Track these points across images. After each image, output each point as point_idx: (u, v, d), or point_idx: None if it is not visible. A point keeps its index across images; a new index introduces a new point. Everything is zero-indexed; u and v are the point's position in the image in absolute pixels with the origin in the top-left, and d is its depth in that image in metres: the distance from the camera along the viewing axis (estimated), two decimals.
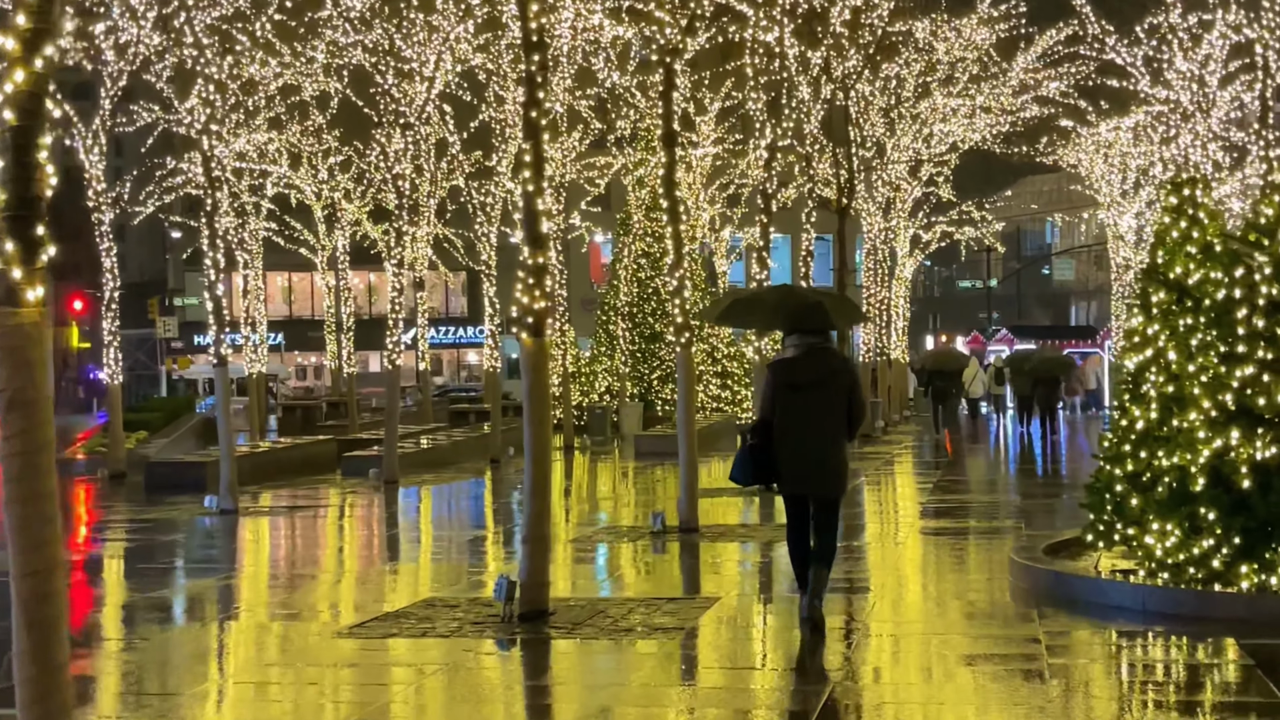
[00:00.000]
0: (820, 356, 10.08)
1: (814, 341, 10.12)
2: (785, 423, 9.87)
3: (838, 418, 9.91)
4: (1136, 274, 39.98)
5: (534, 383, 10.31)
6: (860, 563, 13.20)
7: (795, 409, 9.85)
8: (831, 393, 9.89)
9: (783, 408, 9.90)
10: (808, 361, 10.02)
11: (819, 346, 10.13)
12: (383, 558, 14.91)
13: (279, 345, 76.62)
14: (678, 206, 15.51)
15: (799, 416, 9.85)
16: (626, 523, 17.04)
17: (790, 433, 9.85)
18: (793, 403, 9.87)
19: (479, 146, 36.56)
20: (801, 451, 9.83)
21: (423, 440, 30.32)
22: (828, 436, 9.88)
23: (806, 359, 10.04)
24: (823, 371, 9.97)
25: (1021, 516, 16.67)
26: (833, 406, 9.88)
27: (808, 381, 9.90)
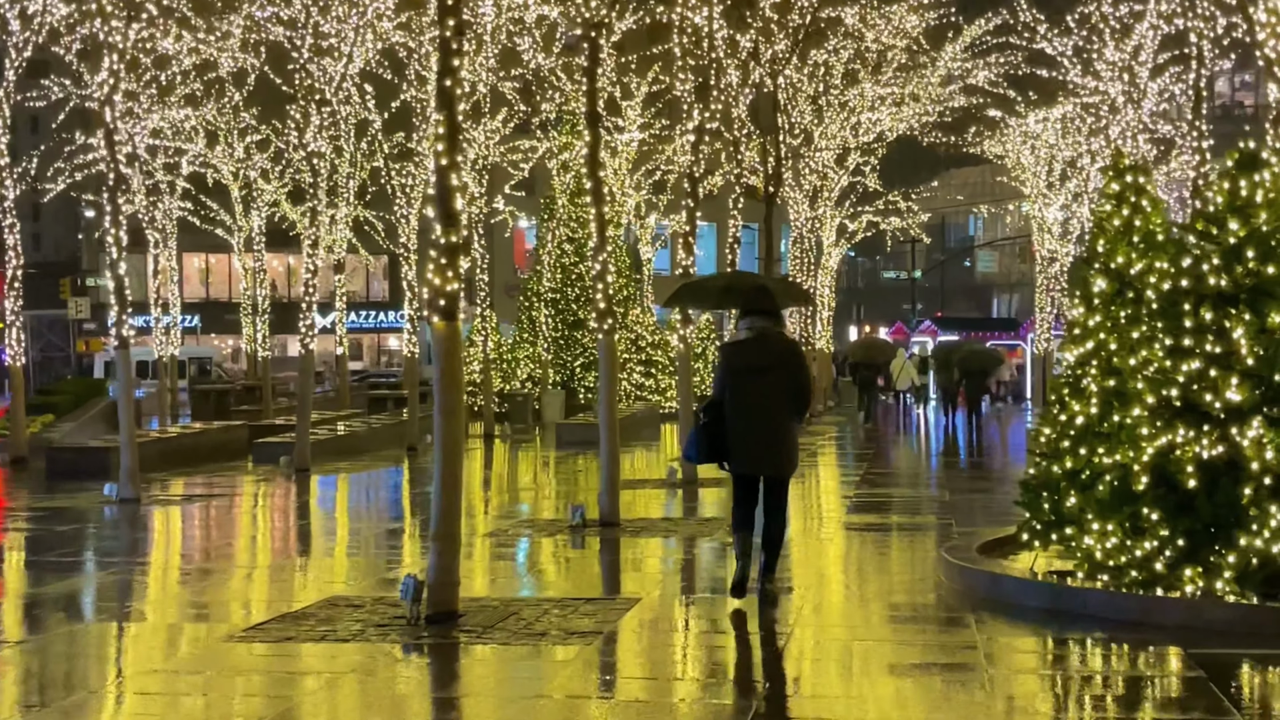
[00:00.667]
0: (769, 340, 10.37)
1: (763, 325, 10.40)
2: (736, 403, 10.20)
3: (786, 399, 10.22)
4: (1062, 266, 39.88)
5: (446, 370, 9.68)
6: (784, 561, 12.65)
7: (746, 390, 10.18)
8: (780, 375, 10.20)
9: (733, 389, 10.22)
10: (757, 345, 10.34)
11: (768, 330, 10.41)
12: (287, 552, 14.21)
13: (195, 328, 75.26)
14: (601, 188, 14.91)
15: (749, 398, 10.17)
16: (546, 516, 16.44)
17: (741, 414, 10.18)
18: (743, 384, 10.18)
19: (401, 127, 35.79)
20: (752, 432, 10.16)
21: (339, 427, 29.56)
22: (777, 417, 10.21)
23: (756, 342, 10.36)
24: (771, 354, 10.28)
25: (951, 512, 16.24)
26: (781, 388, 10.20)
27: (757, 364, 10.21)
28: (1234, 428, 9.72)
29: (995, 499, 18.04)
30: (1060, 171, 40.34)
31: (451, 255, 9.58)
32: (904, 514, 16.48)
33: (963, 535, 13.53)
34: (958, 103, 38.26)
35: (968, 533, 13.94)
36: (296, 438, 23.07)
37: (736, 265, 26.15)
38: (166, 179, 39.86)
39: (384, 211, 44.40)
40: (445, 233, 9.59)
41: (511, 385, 40.15)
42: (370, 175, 43.30)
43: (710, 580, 11.86)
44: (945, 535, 14.04)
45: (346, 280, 45.66)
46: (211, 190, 43.11)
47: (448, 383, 9.67)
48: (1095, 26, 28.41)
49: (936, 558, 12.61)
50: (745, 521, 10.34)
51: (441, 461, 9.74)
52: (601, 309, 14.87)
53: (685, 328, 19.93)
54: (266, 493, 20.01)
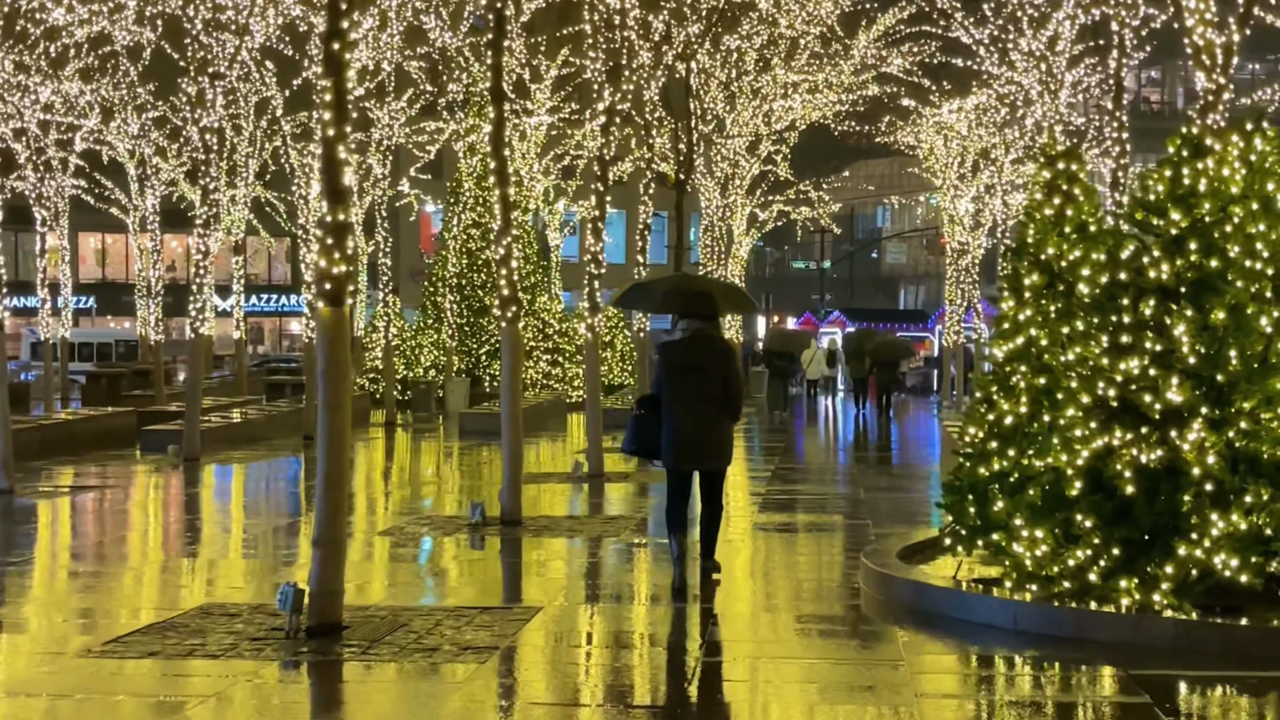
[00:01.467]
0: (705, 341, 10.80)
1: (701, 327, 10.85)
2: (673, 401, 10.62)
3: (717, 398, 10.62)
4: (974, 258, 39.59)
5: (331, 359, 8.87)
6: (692, 565, 11.98)
7: (682, 388, 10.59)
8: (714, 374, 10.61)
9: (670, 387, 10.64)
10: (694, 345, 10.77)
11: (705, 332, 10.85)
12: (164, 551, 13.30)
13: (90, 309, 73.37)
14: (506, 168, 14.12)
15: (685, 395, 10.58)
16: (446, 512, 15.63)
17: (678, 411, 10.59)
18: (680, 382, 10.60)
19: (302, 106, 34.68)
20: (689, 429, 10.57)
21: (234, 413, 28.52)
22: (713, 414, 10.63)
23: (692, 343, 10.79)
24: (707, 354, 10.70)
25: (867, 512, 15.65)
26: (716, 386, 10.61)
27: (693, 363, 10.65)
28: (1173, 430, 9.17)
29: (912, 498, 17.52)
30: (972, 163, 40.03)
31: (339, 235, 8.78)
32: (818, 513, 15.88)
33: (881, 538, 12.93)
34: (871, 91, 37.79)
35: (885, 534, 13.35)
36: (185, 425, 22.08)
37: (647, 251, 25.52)
38: (59, 155, 38.43)
39: (284, 193, 43.31)
40: (332, 210, 8.79)
41: (415, 373, 39.22)
42: (271, 155, 42.16)
43: (616, 587, 11.14)
44: (863, 537, 13.43)
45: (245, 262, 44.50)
46: (107, 168, 41.74)
47: (333, 374, 8.87)
48: (1012, 15, 28.02)
49: (856, 563, 12.00)
50: (680, 523, 10.64)
51: (325, 459, 8.94)
52: (505, 295, 14.09)
53: (594, 316, 19.20)
54: (150, 484, 19.02)
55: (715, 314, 11.14)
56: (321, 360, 8.86)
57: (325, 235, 8.76)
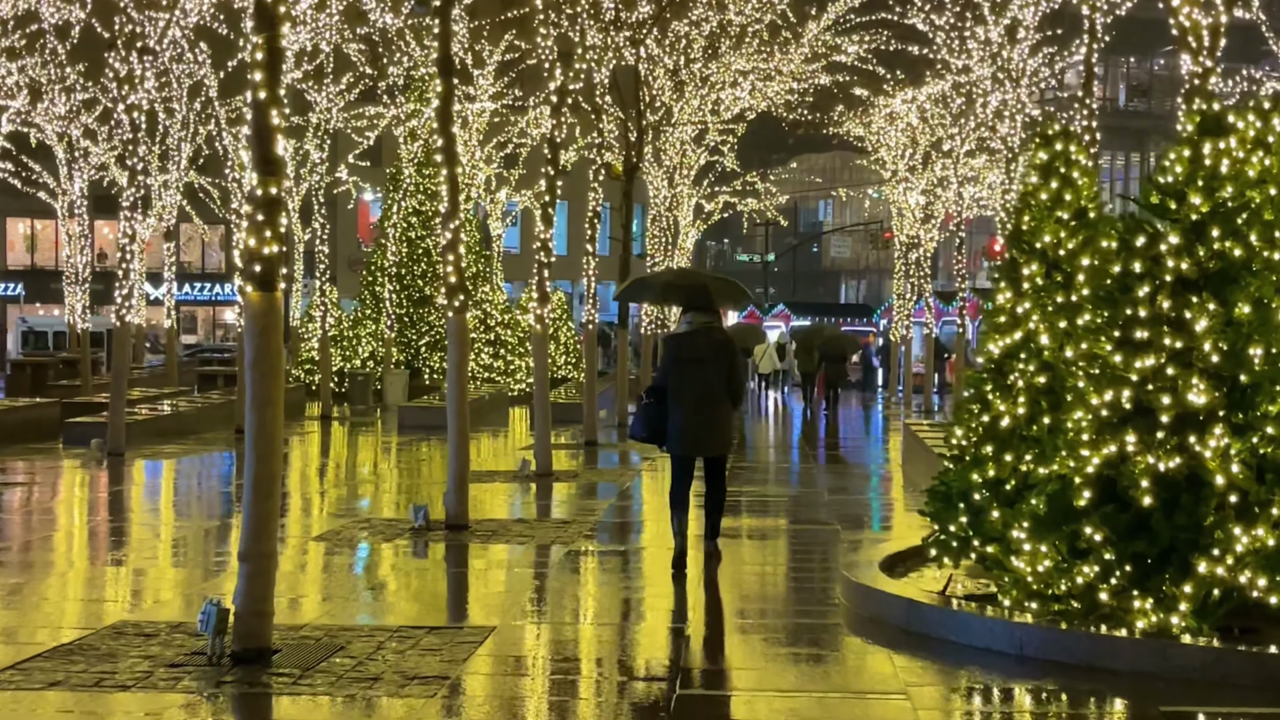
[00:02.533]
0: (708, 334, 11.22)
1: (704, 320, 11.28)
2: (678, 391, 11.08)
3: (720, 387, 11.09)
4: (925, 252, 38.88)
5: (260, 351, 7.89)
6: (651, 578, 11.08)
7: (686, 379, 11.05)
8: (717, 365, 11.07)
9: (675, 377, 11.11)
10: (697, 338, 11.19)
11: (708, 325, 11.27)
12: (77, 559, 12.23)
13: (18, 296, 71.55)
14: (454, 146, 13.12)
15: (690, 385, 11.04)
16: (385, 514, 14.63)
17: (683, 400, 11.06)
18: (684, 373, 11.06)
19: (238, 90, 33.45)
20: (692, 417, 11.05)
21: (163, 405, 27.34)
22: (715, 403, 11.10)
23: (696, 335, 11.21)
24: (710, 346, 11.13)
25: (834, 515, 14.79)
26: (718, 377, 11.06)
27: (697, 355, 11.09)
28: (1193, 435, 8.34)
29: (878, 500, 16.67)
30: (923, 154, 39.32)
31: (270, 211, 7.79)
32: (783, 516, 15.01)
33: (855, 546, 12.08)
34: (822, 80, 36.96)
35: (858, 541, 12.50)
36: (110, 418, 20.95)
37: (595, 241, 24.60)
38: None
39: (219, 178, 41.99)
40: (263, 183, 7.80)
41: (352, 364, 38.06)
42: (206, 140, 40.87)
43: (572, 603, 10.20)
44: (834, 545, 12.58)
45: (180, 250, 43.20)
46: (35, 151, 40.31)
47: (263, 367, 7.88)
48: (971, 1, 27.30)
49: (829, 573, 11.14)
50: (682, 501, 11.17)
51: (254, 463, 7.96)
52: (452, 284, 13.10)
53: (543, 307, 18.23)
54: (70, 481, 17.90)
55: (715, 307, 11.65)
56: (249, 351, 7.88)
57: (255, 211, 7.77)
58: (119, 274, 21.46)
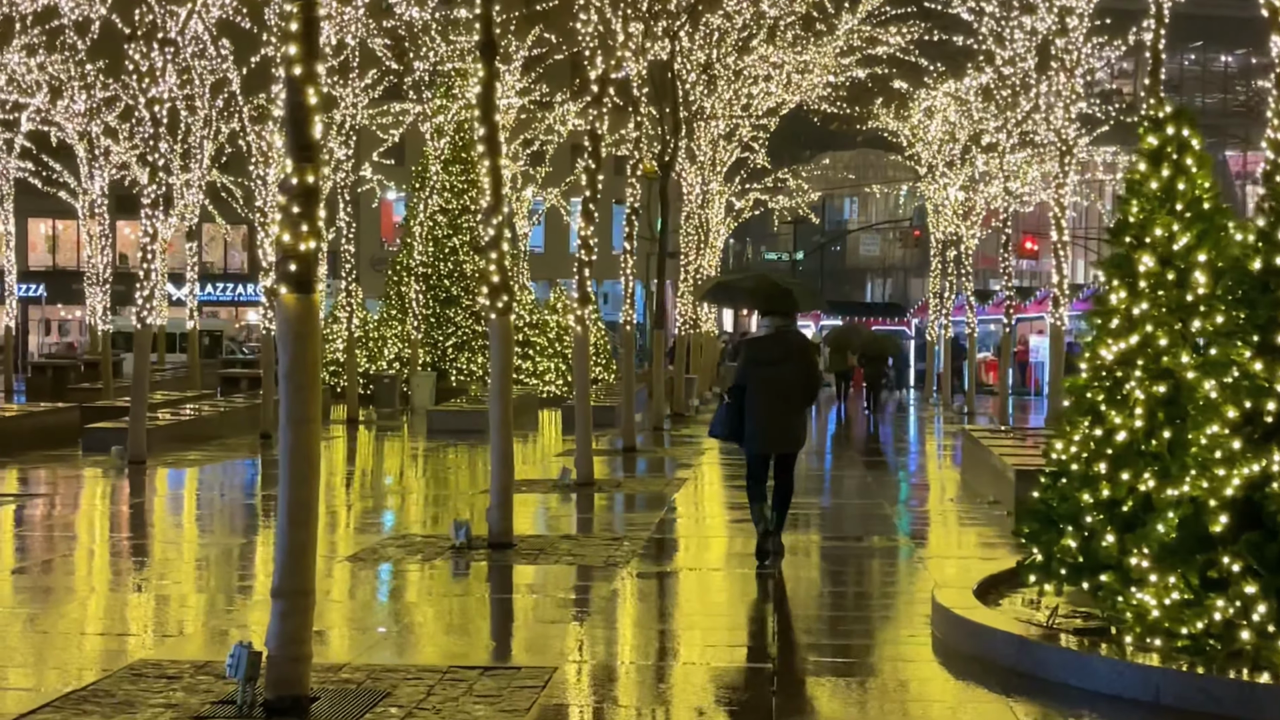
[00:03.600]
0: (786, 337, 11.60)
1: (782, 324, 11.64)
2: (755, 392, 11.44)
3: (799, 388, 11.46)
4: (967, 249, 37.85)
5: (297, 361, 6.97)
6: (717, 604, 10.15)
7: (764, 380, 11.41)
8: (794, 367, 11.43)
9: (754, 379, 11.47)
10: (775, 340, 11.58)
11: (785, 328, 11.64)
12: (96, 583, 11.34)
13: (40, 297, 70.93)
14: (497, 134, 12.19)
15: (768, 386, 11.40)
16: (419, 529, 13.71)
17: (760, 401, 11.42)
18: (762, 375, 11.43)
19: (261, 88, 32.62)
20: (769, 417, 11.41)
21: (185, 410, 26.49)
22: (791, 404, 11.47)
23: (774, 339, 11.60)
24: (787, 349, 11.51)
25: (897, 528, 13.84)
26: (795, 379, 11.42)
27: (775, 358, 11.45)
28: None
29: (945, 511, 15.66)
30: (962, 149, 38.26)
31: (307, 201, 6.88)
32: (847, 533, 14.06)
33: (937, 564, 11.13)
34: (859, 74, 35.95)
35: (941, 559, 11.55)
36: (130, 424, 20.09)
37: (634, 239, 23.68)
38: (3, 136, 36.30)
39: (242, 177, 41.18)
40: (298, 170, 6.88)
41: (378, 366, 37.22)
42: (229, 138, 40.09)
43: (637, 635, 9.26)
44: (906, 563, 11.64)
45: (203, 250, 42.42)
46: (56, 151, 39.56)
47: (299, 378, 6.97)
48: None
49: (912, 597, 10.19)
50: (761, 495, 11.56)
51: (289, 487, 7.05)
52: (495, 283, 12.16)
53: (584, 307, 17.30)
54: (88, 492, 17.04)
55: (793, 311, 11.91)
56: (284, 360, 6.96)
57: (289, 202, 6.85)
58: (140, 274, 20.61)
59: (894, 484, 18.97)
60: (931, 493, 17.79)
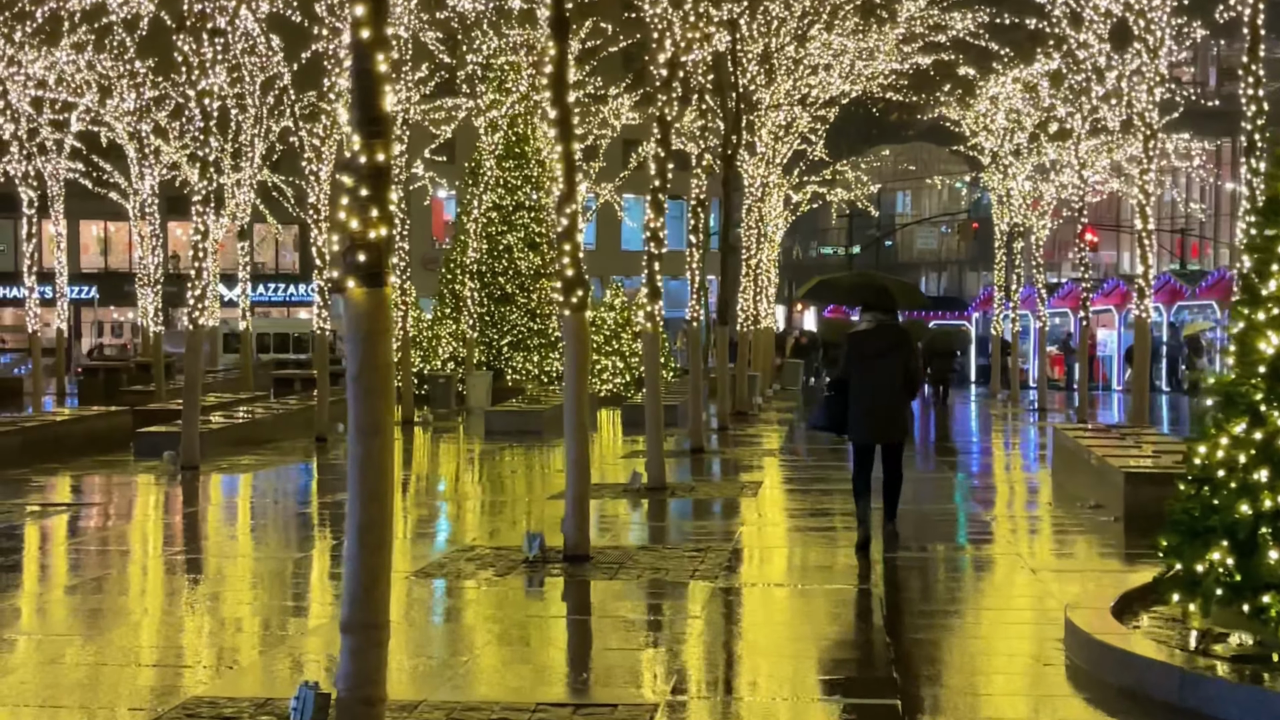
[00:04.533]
0: (887, 331, 12.05)
1: (883, 318, 12.10)
2: (860, 383, 11.89)
3: (898, 380, 11.85)
4: (1038, 240, 36.76)
5: (367, 363, 6.15)
6: (820, 625, 9.28)
7: (867, 373, 11.86)
8: (895, 360, 11.85)
9: (857, 372, 11.92)
10: (875, 334, 12.00)
11: (887, 323, 12.10)
12: (149, 604, 10.57)
13: (92, 299, 70.78)
14: (570, 118, 11.36)
15: (871, 378, 11.85)
16: (486, 540, 12.89)
17: (863, 392, 11.87)
18: (865, 368, 11.87)
19: (312, 85, 31.95)
20: (872, 408, 11.85)
21: (239, 412, 25.83)
22: (893, 395, 11.88)
23: (876, 332, 12.02)
24: (889, 343, 11.94)
25: (1010, 539, 12.92)
26: (897, 371, 11.84)
27: (877, 351, 11.88)
28: None
29: (1043, 516, 14.69)
30: (1029, 137, 37.15)
31: (377, 183, 6.05)
32: (945, 541, 13.16)
33: (1051, 580, 10.22)
34: (923, 61, 34.89)
35: (1045, 571, 10.63)
36: (183, 429, 19.39)
37: (702, 232, 22.85)
38: (54, 136, 35.81)
39: (293, 176, 40.58)
40: (367, 147, 6.05)
41: (432, 366, 36.50)
42: (279, 136, 39.51)
43: (743, 664, 8.39)
44: (1022, 577, 10.73)
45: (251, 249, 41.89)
46: (107, 151, 39.10)
47: (370, 381, 6.14)
48: None
49: (1034, 613, 9.28)
50: (865, 488, 11.96)
51: (359, 506, 6.22)
52: (570, 277, 11.32)
53: (654, 303, 16.46)
54: (141, 501, 16.34)
55: (894, 307, 12.50)
56: (352, 362, 6.14)
57: (357, 184, 6.03)
58: (191, 273, 19.91)
59: (982, 486, 18.01)
60: (1024, 495, 16.83)
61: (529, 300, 36.95)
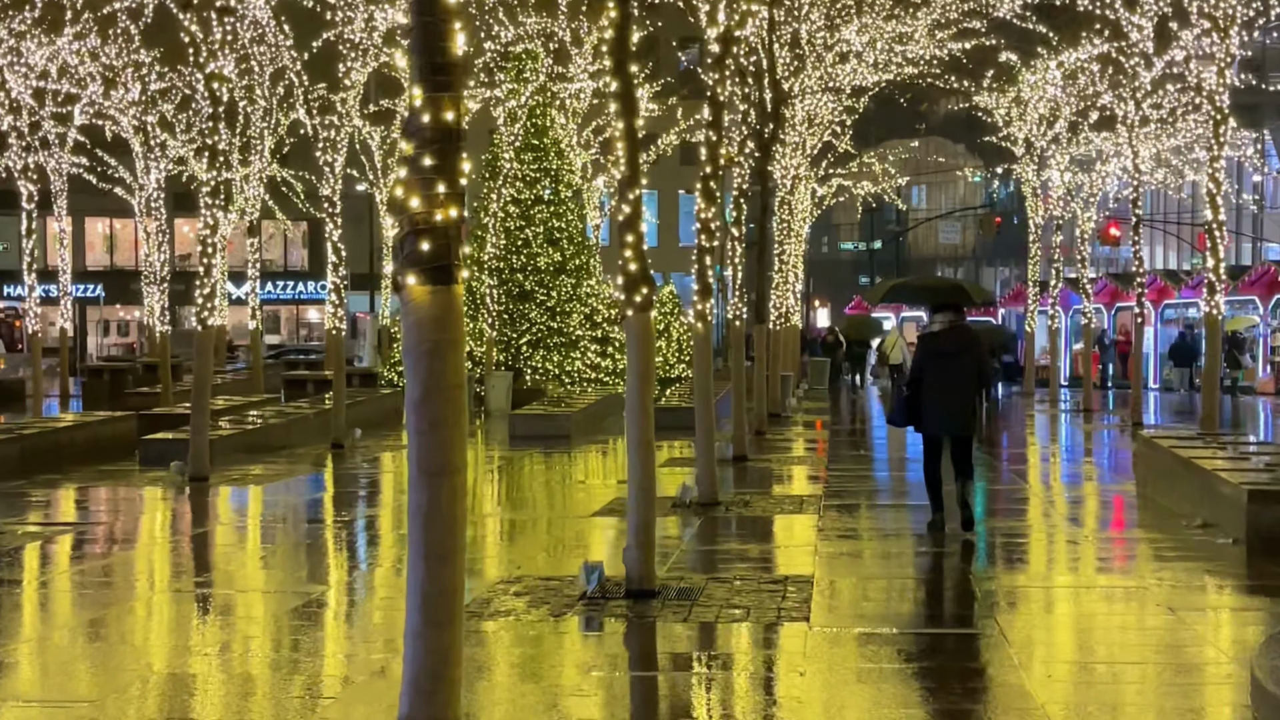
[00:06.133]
0: (958, 331, 12.79)
1: (954, 319, 12.82)
2: (930, 382, 12.70)
3: (970, 378, 12.70)
4: (1083, 233, 35.28)
5: (434, 381, 4.72)
6: (930, 677, 7.87)
7: (939, 371, 12.67)
8: (966, 359, 12.68)
9: (930, 370, 12.71)
10: (949, 335, 12.76)
11: (958, 324, 12.83)
12: (153, 657, 9.16)
13: (98, 298, 69.47)
14: (633, 90, 9.89)
15: (941, 377, 12.66)
16: (532, 569, 11.43)
17: (935, 389, 12.68)
18: (937, 367, 12.68)
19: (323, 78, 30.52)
20: (943, 404, 12.67)
21: (250, 416, 24.46)
22: (963, 392, 12.69)
23: (948, 333, 12.77)
24: (960, 343, 12.72)
25: (1098, 559, 11.49)
26: (967, 370, 12.66)
27: (948, 351, 12.69)
28: None
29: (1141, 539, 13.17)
30: (1070, 125, 35.68)
31: (444, 150, 4.63)
32: (1050, 566, 11.73)
33: (1194, 621, 8.79)
34: (964, 46, 33.39)
35: (1184, 610, 9.19)
36: (192, 437, 18.01)
37: (741, 225, 21.43)
38: (56, 130, 34.45)
39: (304, 170, 39.22)
40: (431, 103, 4.62)
41: None
42: (289, 129, 38.17)
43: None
44: (1155, 615, 9.29)
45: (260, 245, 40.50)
46: (113, 147, 37.76)
47: (436, 411, 4.72)
48: None
49: (1203, 659, 7.85)
50: (935, 477, 12.84)
51: (423, 570, 4.79)
52: (633, 272, 9.86)
53: (705, 300, 15.04)
54: (146, 520, 14.93)
55: (964, 306, 13.41)
56: (414, 384, 4.71)
57: (419, 150, 4.61)
58: (200, 270, 18.50)
59: (1066, 500, 16.54)
60: (1112, 511, 15.36)
61: (548, 297, 35.55)
